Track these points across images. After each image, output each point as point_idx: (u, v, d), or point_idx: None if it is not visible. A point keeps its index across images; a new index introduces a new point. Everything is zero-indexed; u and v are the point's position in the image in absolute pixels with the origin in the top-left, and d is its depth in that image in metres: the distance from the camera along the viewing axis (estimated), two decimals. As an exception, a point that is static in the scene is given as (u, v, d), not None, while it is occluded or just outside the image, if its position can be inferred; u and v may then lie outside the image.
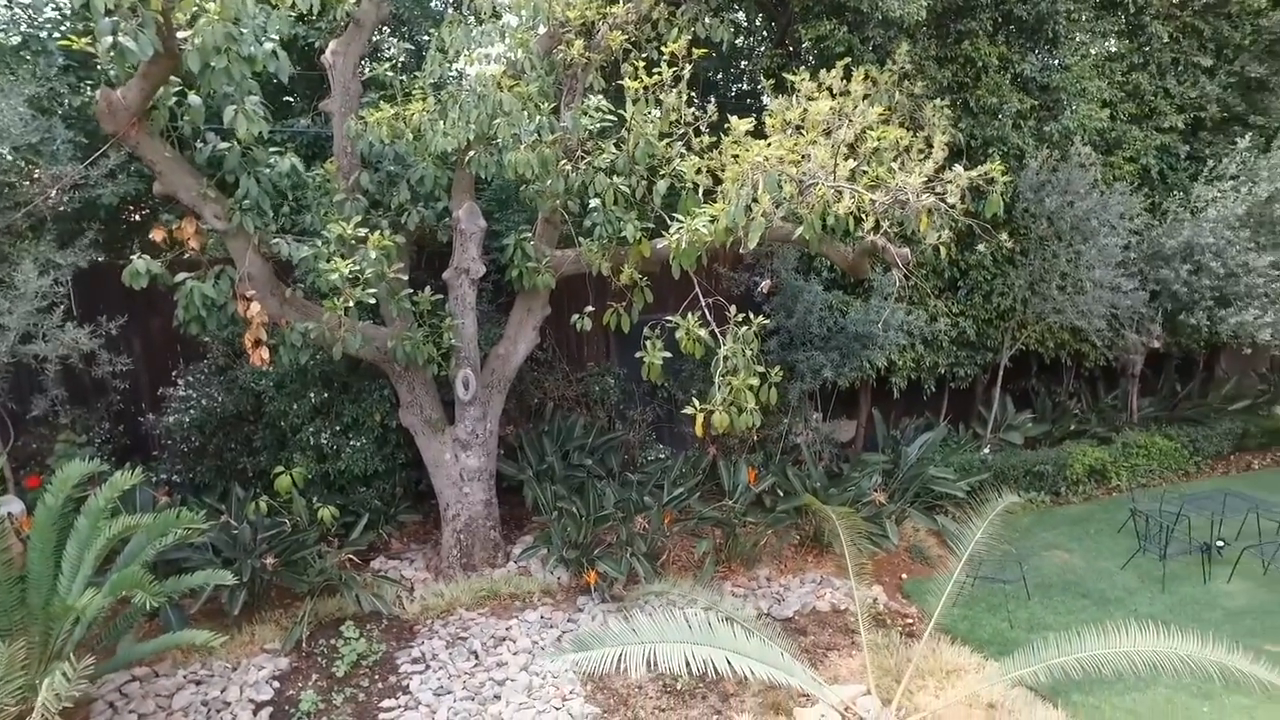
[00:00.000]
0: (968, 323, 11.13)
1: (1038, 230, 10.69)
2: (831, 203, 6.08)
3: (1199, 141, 12.33)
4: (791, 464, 10.09)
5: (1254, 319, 10.69)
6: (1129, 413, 12.69)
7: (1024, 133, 10.82)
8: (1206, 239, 10.81)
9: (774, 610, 8.34)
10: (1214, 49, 12.06)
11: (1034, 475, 11.04)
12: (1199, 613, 8.29)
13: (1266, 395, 13.62)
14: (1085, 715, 6.76)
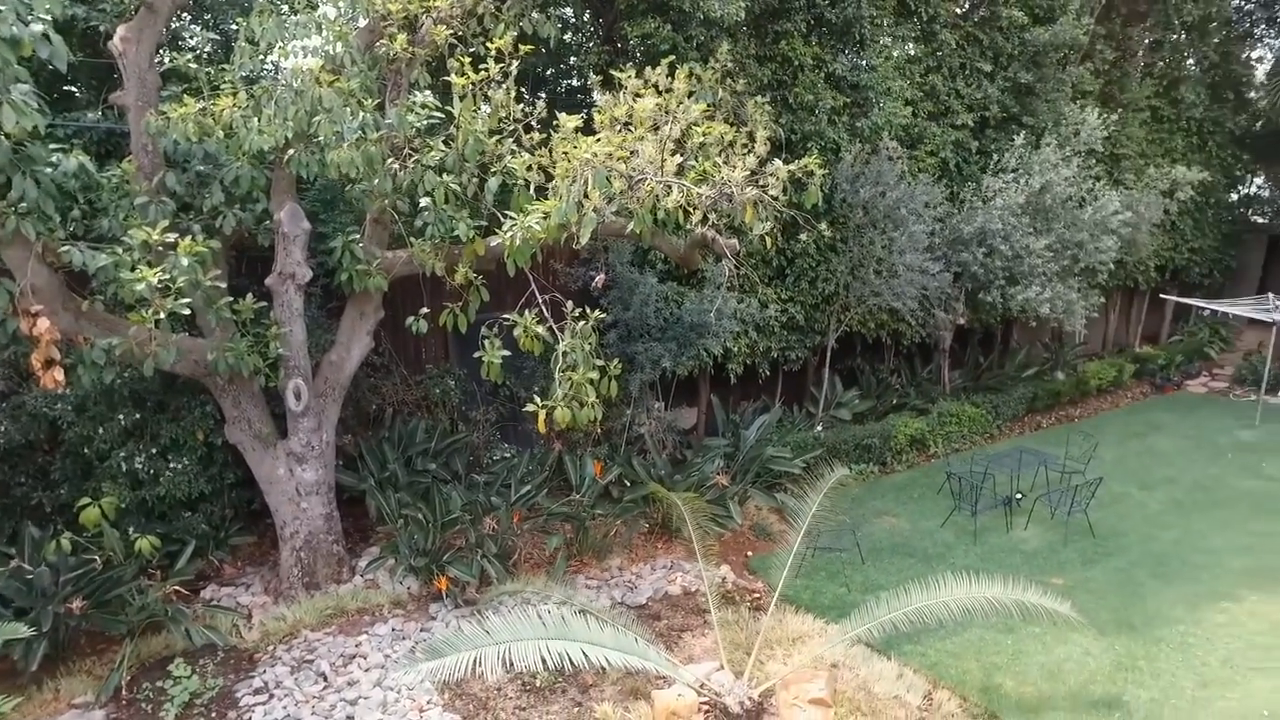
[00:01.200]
0: (796, 308, 11.77)
1: (855, 219, 11.48)
2: (661, 197, 6.25)
3: (986, 138, 13.64)
4: (637, 454, 10.30)
5: (1036, 295, 12.00)
6: (942, 385, 13.87)
7: (839, 128, 11.54)
8: (996, 225, 12.00)
9: (628, 598, 8.50)
10: (992, 57, 13.34)
11: (863, 448, 11.85)
12: (1004, 558, 9.23)
13: (1049, 362, 15.31)
14: (915, 661, 7.36)
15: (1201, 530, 9.95)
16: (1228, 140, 17.97)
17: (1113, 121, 14.08)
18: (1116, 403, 15.66)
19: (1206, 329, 18.08)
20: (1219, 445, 12.99)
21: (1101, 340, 17.94)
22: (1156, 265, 16.91)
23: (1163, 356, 17.06)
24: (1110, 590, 8.56)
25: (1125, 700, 6.76)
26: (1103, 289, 14.83)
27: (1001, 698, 6.88)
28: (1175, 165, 14.95)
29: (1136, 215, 13.70)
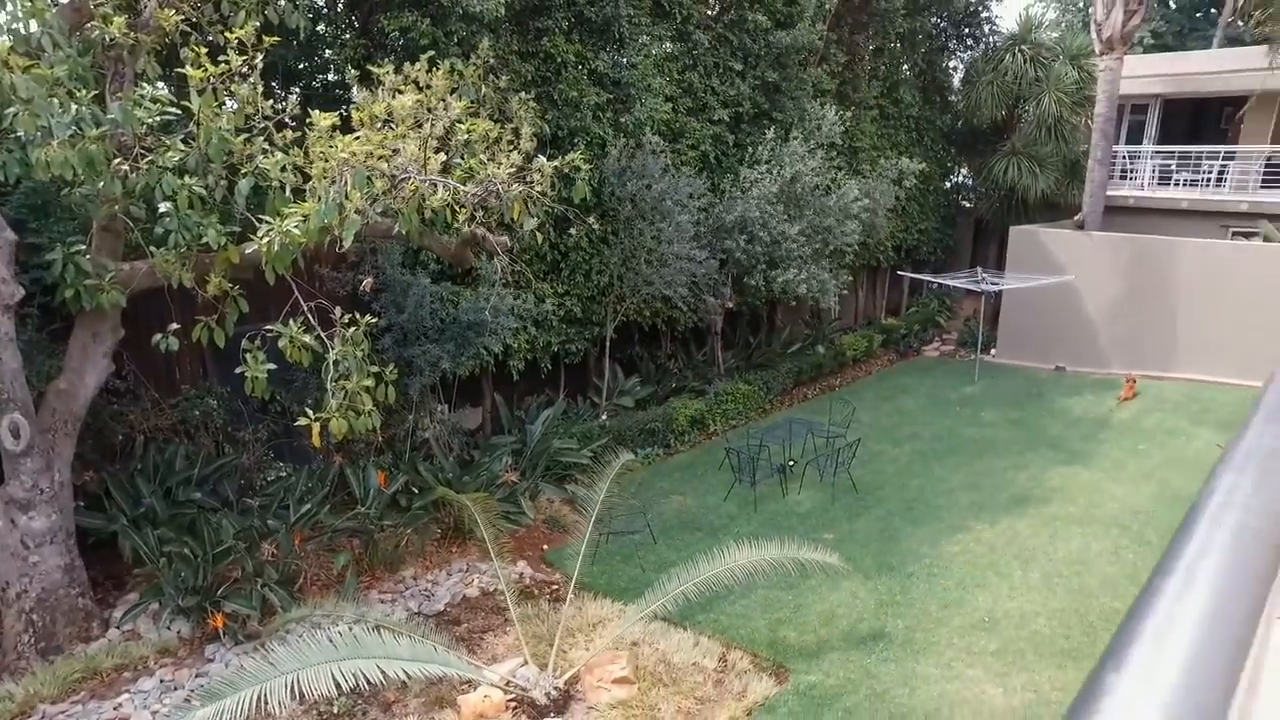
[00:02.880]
0: (573, 301, 11.98)
1: (624, 212, 11.86)
2: (427, 196, 6.12)
3: (741, 132, 14.58)
4: (423, 459, 10.03)
5: (794, 277, 13.07)
6: (717, 366, 14.71)
7: (604, 123, 11.85)
8: (754, 214, 12.90)
9: (425, 607, 8.29)
10: (742, 57, 14.28)
11: (647, 433, 12.31)
12: (782, 522, 10.00)
13: (810, 338, 16.73)
14: (709, 628, 7.81)
15: (940, 475, 11.36)
16: (939, 136, 20.50)
17: (848, 118, 15.61)
18: (869, 370, 17.42)
19: (935, 300, 20.55)
20: (949, 401, 14.86)
21: (854, 315, 19.85)
22: (893, 245, 18.95)
23: (904, 326, 19.20)
24: (872, 538, 9.56)
25: (887, 631, 7.61)
26: (850, 268, 16.44)
27: (787, 648, 7.48)
28: (901, 157, 16.83)
29: (873, 201, 15.27)
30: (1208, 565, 0.49)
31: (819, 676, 7.05)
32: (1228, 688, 0.40)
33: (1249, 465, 0.64)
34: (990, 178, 19.64)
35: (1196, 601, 0.45)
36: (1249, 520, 0.55)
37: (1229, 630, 0.43)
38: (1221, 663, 0.41)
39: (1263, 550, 0.51)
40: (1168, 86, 21.27)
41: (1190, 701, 0.37)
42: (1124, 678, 0.38)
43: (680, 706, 6.74)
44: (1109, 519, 9.70)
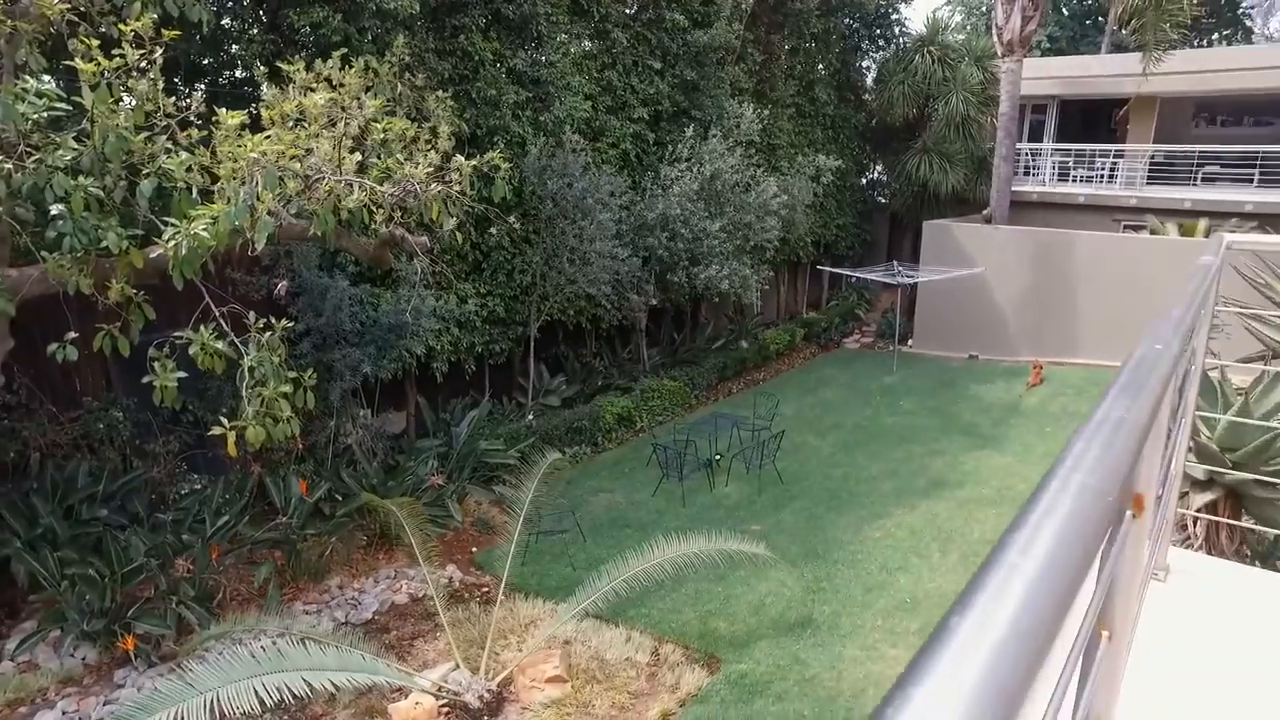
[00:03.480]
0: (496, 301, 11.88)
1: (545, 210, 11.81)
2: (343, 196, 5.99)
3: (661, 130, 14.69)
4: (346, 466, 9.80)
5: (716, 273, 13.24)
6: (642, 363, 14.79)
7: (523, 122, 11.78)
8: (676, 211, 13.02)
9: (352, 616, 8.11)
10: (661, 55, 14.39)
11: (574, 431, 12.30)
12: (710, 515, 10.13)
13: (735, 334, 16.98)
14: (641, 623, 7.87)
15: (862, 463, 11.70)
16: (854, 134, 21.08)
17: (765, 116, 15.89)
18: (792, 363, 17.79)
19: (855, 294, 21.14)
20: (870, 391, 15.30)
21: (776, 310, 20.23)
22: (813, 241, 19.38)
23: (824, 320, 19.66)
24: (798, 527, 9.77)
25: (814, 617, 7.81)
26: (772, 264, 16.76)
27: (718, 639, 7.60)
28: (818, 154, 17.23)
29: (792, 198, 15.59)
30: (1050, 521, 0.54)
31: (749, 665, 7.18)
32: (1050, 631, 0.45)
33: (1098, 433, 0.70)
34: (904, 174, 20.28)
35: (1036, 553, 0.50)
36: (1090, 481, 0.61)
37: (1062, 576, 0.49)
38: (1050, 607, 0.46)
39: (1098, 505, 0.57)
40: (1063, 88, 22.36)
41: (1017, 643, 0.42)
42: (965, 621, 0.43)
43: (614, 702, 6.78)
44: (1020, 499, 10.15)
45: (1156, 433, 1.16)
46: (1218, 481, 4.97)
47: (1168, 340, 1.11)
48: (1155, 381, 0.98)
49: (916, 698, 0.40)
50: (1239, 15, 35.19)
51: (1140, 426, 0.83)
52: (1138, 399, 0.89)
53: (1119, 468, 0.69)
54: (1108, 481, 0.63)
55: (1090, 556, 0.56)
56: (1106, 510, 0.61)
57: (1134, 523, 1.19)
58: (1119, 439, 0.73)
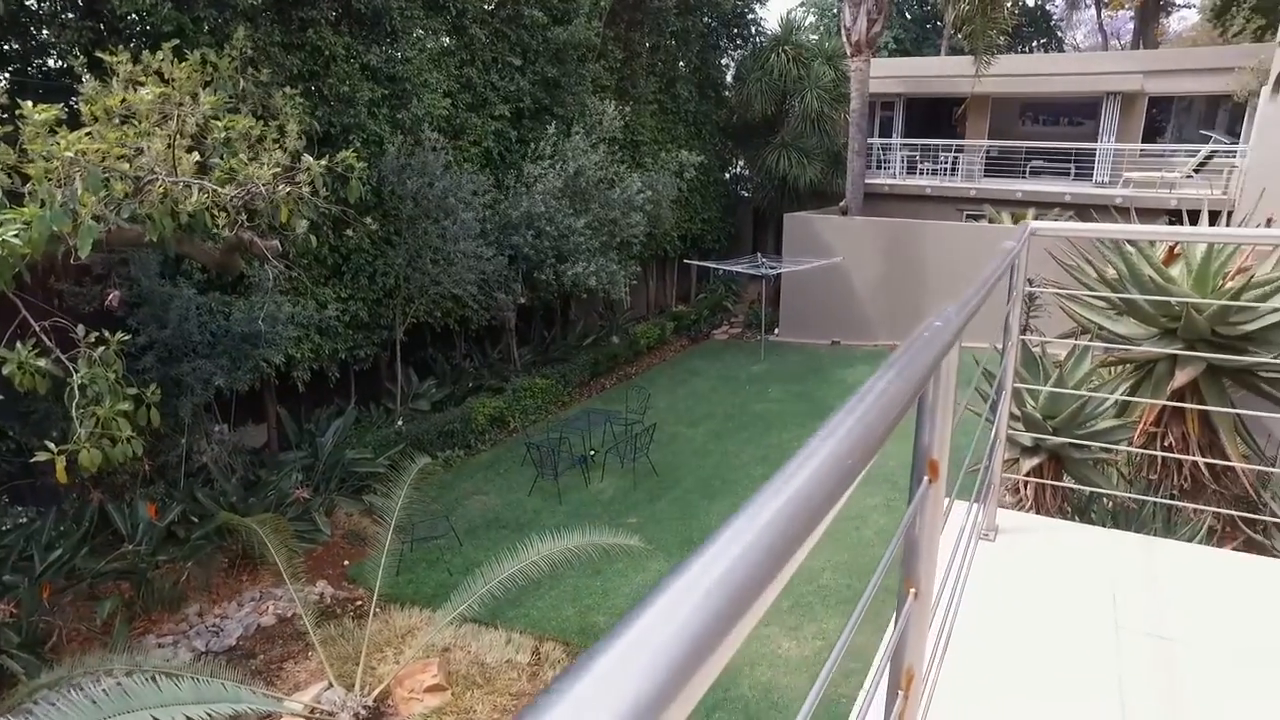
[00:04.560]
0: (359, 305, 11.47)
1: (407, 210, 11.49)
2: (180, 199, 5.63)
3: (524, 127, 14.58)
4: (201, 485, 9.23)
5: (583, 270, 13.29)
6: (513, 363, 14.65)
7: (380, 120, 11.41)
8: (540, 209, 12.97)
9: (214, 644, 7.67)
10: (521, 52, 14.26)
11: (446, 435, 12.05)
12: (586, 511, 10.18)
13: (605, 329, 17.09)
14: (520, 624, 7.82)
15: (734, 451, 12.05)
16: (716, 130, 21.61)
17: (627, 112, 16.06)
18: (664, 357, 18.07)
19: (722, 286, 21.68)
20: (739, 380, 15.76)
21: (646, 304, 20.48)
22: (679, 235, 19.74)
23: (694, 313, 20.08)
24: (673, 517, 9.96)
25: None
26: (639, 259, 16.95)
27: (599, 633, 7.57)
28: (680, 150, 17.55)
29: (657, 193, 15.81)
30: (794, 480, 0.60)
31: (629, 655, 7.26)
32: (763, 578, 0.50)
33: (858, 404, 0.78)
34: (764, 168, 20.97)
35: (777, 506, 0.55)
36: (837, 447, 0.68)
37: (783, 537, 0.54)
38: (766, 566, 0.51)
39: (837, 468, 0.64)
40: (908, 87, 23.77)
41: (729, 584, 0.47)
42: (679, 578, 0.47)
43: (496, 705, 6.72)
44: (881, 476, 10.73)
45: (943, 405, 1.27)
46: (1042, 447, 5.44)
47: (948, 319, 1.21)
48: (928, 357, 1.07)
49: (622, 642, 0.44)
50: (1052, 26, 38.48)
51: (904, 398, 0.91)
52: (904, 372, 0.97)
53: (868, 436, 0.77)
54: (848, 446, 0.70)
55: (819, 518, 0.62)
56: (844, 475, 0.68)
57: (931, 487, 1.30)
58: (874, 410, 0.81)
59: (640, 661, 0.44)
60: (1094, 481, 5.70)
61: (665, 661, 0.45)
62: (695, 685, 0.46)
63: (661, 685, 0.44)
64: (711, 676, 0.49)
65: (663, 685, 0.44)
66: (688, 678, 0.46)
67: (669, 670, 0.45)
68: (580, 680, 0.42)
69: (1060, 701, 2.43)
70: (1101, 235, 5.18)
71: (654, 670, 0.44)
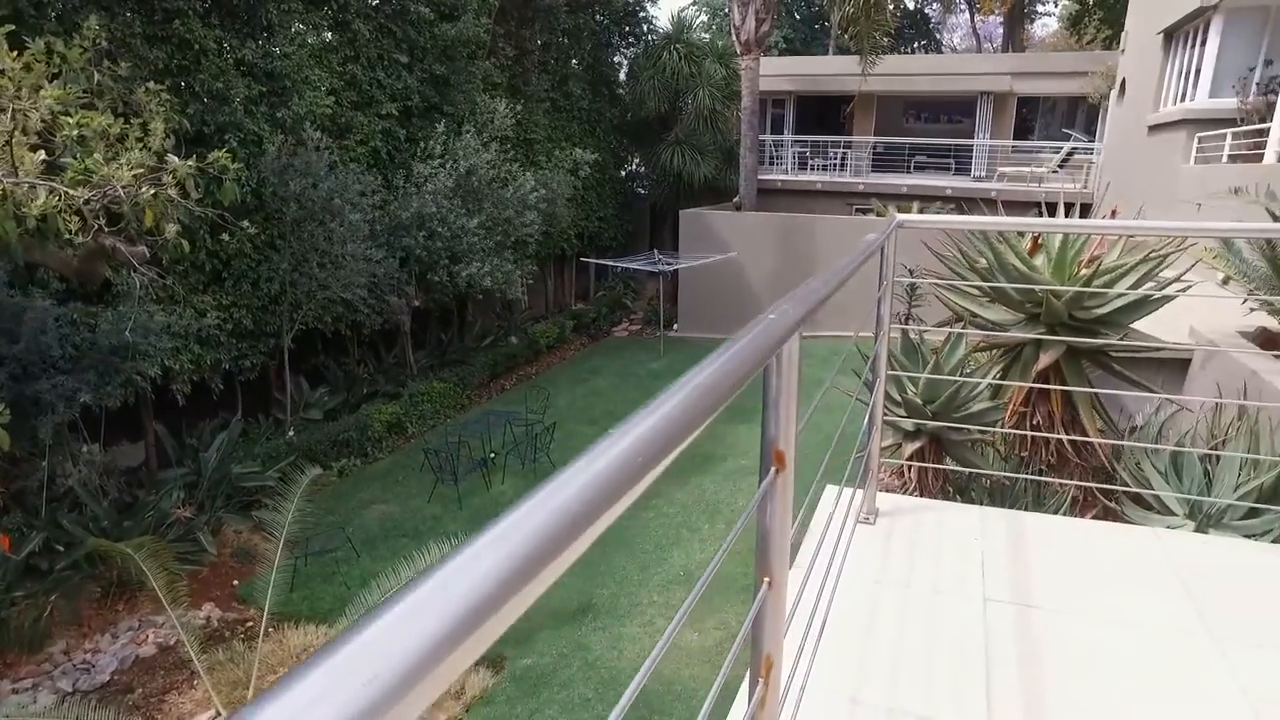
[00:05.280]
0: (242, 313, 10.94)
1: (290, 213, 11.02)
2: (24, 202, 5.22)
3: (413, 126, 14.22)
4: (67, 511, 8.61)
5: (478, 270, 13.08)
6: (409, 367, 14.30)
7: (258, 118, 10.90)
8: (431, 209, 12.68)
9: (84, 683, 7.18)
10: (407, 49, 13.90)
11: (341, 444, 11.65)
12: (488, 514, 9.78)
13: (503, 330, 16.88)
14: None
15: (634, 448, 12.07)
16: (610, 127, 21.64)
17: (519, 110, 15.88)
18: (564, 356, 17.98)
19: (621, 284, 21.75)
20: (639, 376, 15.84)
21: (545, 304, 20.35)
22: (576, 234, 19.69)
23: (593, 311, 20.07)
24: (575, 517, 9.92)
25: (594, 602, 7.98)
26: (536, 258, 16.81)
27: (501, 638, 7.53)
28: (575, 148, 17.50)
29: (551, 192, 15.72)
30: (580, 477, 0.59)
31: (533, 659, 7.21)
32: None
33: (672, 397, 0.78)
34: (659, 166, 21.15)
35: (552, 503, 0.55)
36: (657, 424, 0.69)
37: (567, 526, 0.55)
38: (534, 558, 0.52)
39: (627, 463, 0.64)
40: (799, 85, 24.43)
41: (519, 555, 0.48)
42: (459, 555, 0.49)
43: None
44: (776, 466, 11.01)
45: (787, 397, 1.29)
46: (923, 430, 5.67)
47: (784, 312, 1.23)
48: (756, 350, 1.08)
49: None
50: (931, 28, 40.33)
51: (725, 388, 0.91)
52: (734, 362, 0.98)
53: (671, 429, 0.76)
54: (649, 443, 0.70)
55: (609, 506, 0.62)
56: (637, 469, 0.67)
57: (779, 476, 1.32)
58: (690, 400, 0.82)
59: (416, 626, 0.46)
60: (972, 462, 5.99)
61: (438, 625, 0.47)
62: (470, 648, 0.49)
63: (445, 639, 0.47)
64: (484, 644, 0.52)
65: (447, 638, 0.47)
66: (461, 640, 0.48)
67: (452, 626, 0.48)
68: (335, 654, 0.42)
69: (931, 672, 2.52)
70: (963, 227, 5.44)
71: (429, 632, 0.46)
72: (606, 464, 0.67)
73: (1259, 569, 3.13)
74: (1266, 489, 4.36)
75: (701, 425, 0.85)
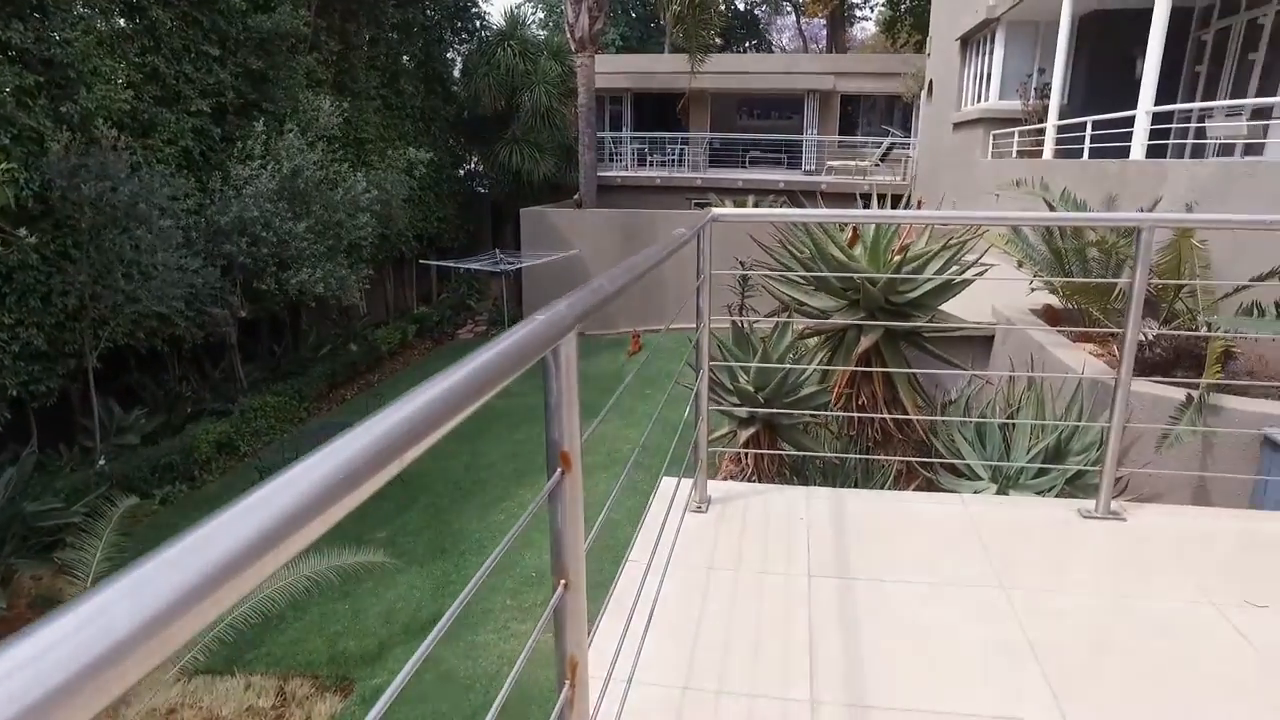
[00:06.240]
0: (32, 332, 9.82)
1: (86, 219, 10.00)
2: None
3: (229, 124, 13.27)
4: None
5: (309, 276, 12.40)
6: (239, 382, 13.38)
7: (38, 113, 9.81)
8: (254, 213, 11.89)
9: None
10: (218, 40, 12.93)
11: (164, 469, 10.74)
12: (333, 531, 9.43)
13: (342, 337, 16.14)
14: (260, 665, 7.19)
15: (482, 451, 11.88)
16: (446, 126, 21.11)
17: (346, 108, 15.18)
18: (408, 361, 17.40)
19: (464, 285, 21.29)
20: (488, 379, 15.55)
21: (385, 308, 19.58)
22: (415, 235, 19.07)
23: (436, 314, 19.54)
24: (424, 526, 9.64)
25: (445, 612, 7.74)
26: (373, 262, 16.14)
27: (349, 659, 7.23)
28: (409, 147, 16.93)
29: (386, 193, 15.13)
30: (309, 474, 0.56)
31: (384, 677, 6.94)
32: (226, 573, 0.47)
33: (408, 400, 0.75)
34: (498, 164, 20.86)
35: (264, 504, 0.52)
36: (392, 429, 0.66)
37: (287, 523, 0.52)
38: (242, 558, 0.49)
39: (348, 465, 0.61)
40: (635, 82, 24.78)
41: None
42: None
43: (232, 761, 6.11)
44: (625, 459, 11.13)
45: (568, 399, 1.28)
46: (756, 417, 5.89)
47: (558, 312, 1.22)
48: (526, 346, 1.06)
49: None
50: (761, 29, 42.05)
51: (471, 392, 0.89)
52: (487, 368, 0.95)
53: (404, 428, 0.74)
54: (383, 444, 0.68)
55: (321, 517, 0.60)
56: (356, 472, 0.65)
57: (566, 478, 1.31)
58: (435, 403, 0.79)
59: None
60: (806, 444, 6.28)
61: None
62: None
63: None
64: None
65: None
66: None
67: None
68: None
69: (759, 652, 2.61)
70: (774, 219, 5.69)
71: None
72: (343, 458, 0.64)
73: (1042, 522, 3.44)
74: (1050, 450, 4.82)
75: (442, 428, 0.83)
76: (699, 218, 3.22)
